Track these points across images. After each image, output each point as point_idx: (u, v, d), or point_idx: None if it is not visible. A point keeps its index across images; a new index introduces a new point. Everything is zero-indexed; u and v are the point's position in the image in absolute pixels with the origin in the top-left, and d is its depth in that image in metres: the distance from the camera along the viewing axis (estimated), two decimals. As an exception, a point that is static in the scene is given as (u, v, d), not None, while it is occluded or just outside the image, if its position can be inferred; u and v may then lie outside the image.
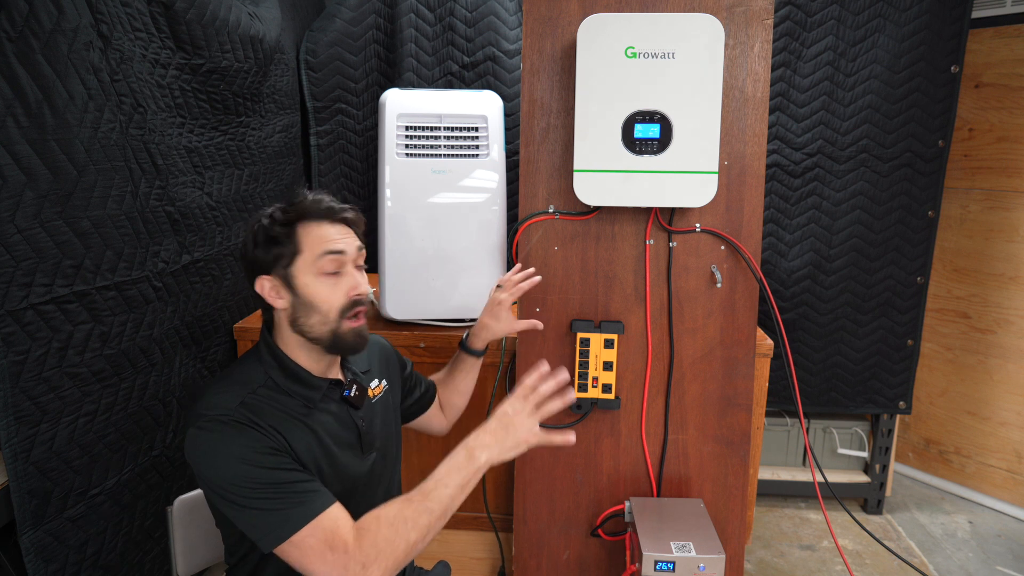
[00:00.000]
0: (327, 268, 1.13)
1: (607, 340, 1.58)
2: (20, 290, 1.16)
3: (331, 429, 1.18)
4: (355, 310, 1.15)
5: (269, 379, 1.14)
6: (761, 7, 1.52)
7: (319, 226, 1.15)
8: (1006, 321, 2.59)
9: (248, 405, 1.08)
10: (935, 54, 2.26)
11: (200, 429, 1.04)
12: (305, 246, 1.13)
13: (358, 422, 1.23)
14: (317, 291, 1.13)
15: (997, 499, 2.67)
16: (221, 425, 1.04)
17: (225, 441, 1.03)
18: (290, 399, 1.14)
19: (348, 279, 1.15)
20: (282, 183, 2.15)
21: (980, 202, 2.61)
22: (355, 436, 1.22)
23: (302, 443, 1.11)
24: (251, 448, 1.03)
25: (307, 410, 1.16)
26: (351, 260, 1.16)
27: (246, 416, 1.06)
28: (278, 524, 1.00)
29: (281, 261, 1.14)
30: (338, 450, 1.17)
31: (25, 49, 1.14)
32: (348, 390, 1.22)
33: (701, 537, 1.42)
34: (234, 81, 1.78)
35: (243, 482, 1.01)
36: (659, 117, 1.46)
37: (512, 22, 2.43)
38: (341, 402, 1.22)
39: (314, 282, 1.13)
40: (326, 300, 1.13)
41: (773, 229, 2.43)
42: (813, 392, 2.51)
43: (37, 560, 1.22)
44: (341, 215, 1.18)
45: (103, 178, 1.32)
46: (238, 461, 1.02)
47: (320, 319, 1.13)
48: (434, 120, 1.78)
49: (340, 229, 1.17)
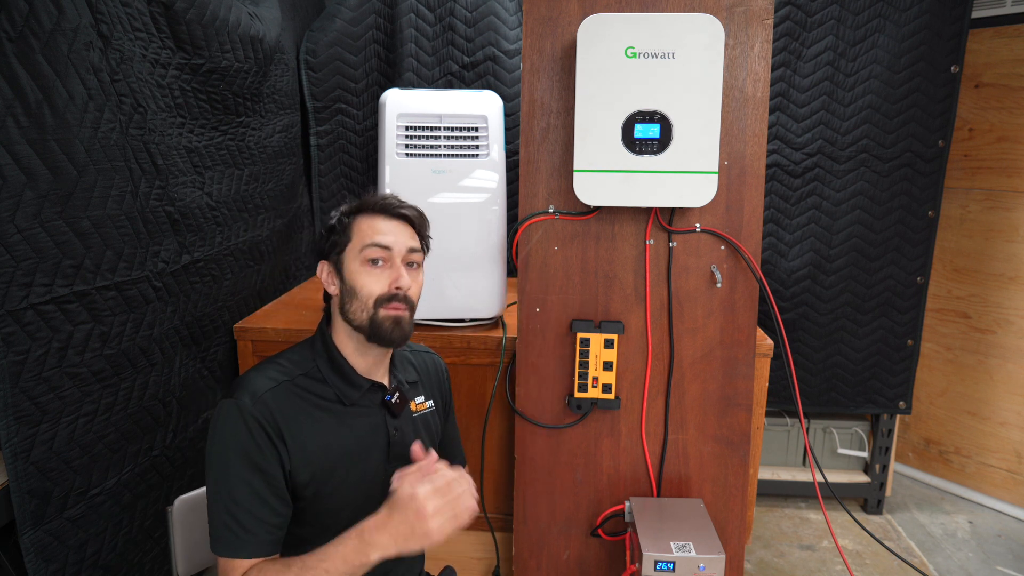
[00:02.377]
0: (370, 256, 1.17)
1: (607, 340, 1.58)
2: (20, 290, 1.16)
3: (361, 432, 1.19)
4: (393, 303, 1.16)
5: (315, 367, 1.19)
6: (761, 7, 1.52)
7: (372, 219, 1.19)
8: (1006, 321, 2.59)
9: (277, 396, 1.12)
10: (935, 54, 2.26)
11: (226, 399, 1.11)
12: (355, 235, 1.19)
13: (391, 430, 1.22)
14: (359, 278, 1.17)
15: (997, 499, 2.67)
16: (238, 411, 1.09)
17: (231, 426, 1.09)
18: (328, 391, 1.18)
19: (392, 271, 1.18)
20: (282, 183, 2.15)
21: (980, 202, 2.61)
22: (385, 443, 1.22)
23: (321, 440, 1.14)
24: (242, 449, 1.08)
25: (342, 407, 1.18)
26: (398, 255, 1.18)
27: (263, 415, 1.09)
28: (216, 533, 1.08)
29: (336, 248, 1.20)
30: (363, 454, 1.18)
31: (25, 49, 1.14)
32: (390, 395, 1.23)
33: (701, 537, 1.42)
34: (234, 81, 1.78)
35: (219, 468, 1.08)
36: (659, 117, 1.46)
37: (512, 22, 2.43)
38: (380, 406, 1.23)
39: (359, 270, 1.17)
40: (365, 286, 1.16)
41: (773, 229, 2.43)
42: (813, 392, 2.51)
43: (37, 560, 1.22)
44: (396, 211, 1.20)
45: (103, 178, 1.32)
46: (227, 448, 1.08)
47: (359, 305, 1.16)
48: (434, 120, 1.78)
49: (394, 225, 1.20)
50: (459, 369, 1.83)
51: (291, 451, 1.11)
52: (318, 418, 1.15)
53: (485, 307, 1.85)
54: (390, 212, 1.20)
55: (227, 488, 1.07)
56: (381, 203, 1.21)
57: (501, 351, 1.80)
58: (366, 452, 1.19)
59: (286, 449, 1.11)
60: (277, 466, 1.10)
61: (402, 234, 1.20)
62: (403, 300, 1.17)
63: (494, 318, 1.90)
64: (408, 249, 1.19)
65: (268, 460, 1.09)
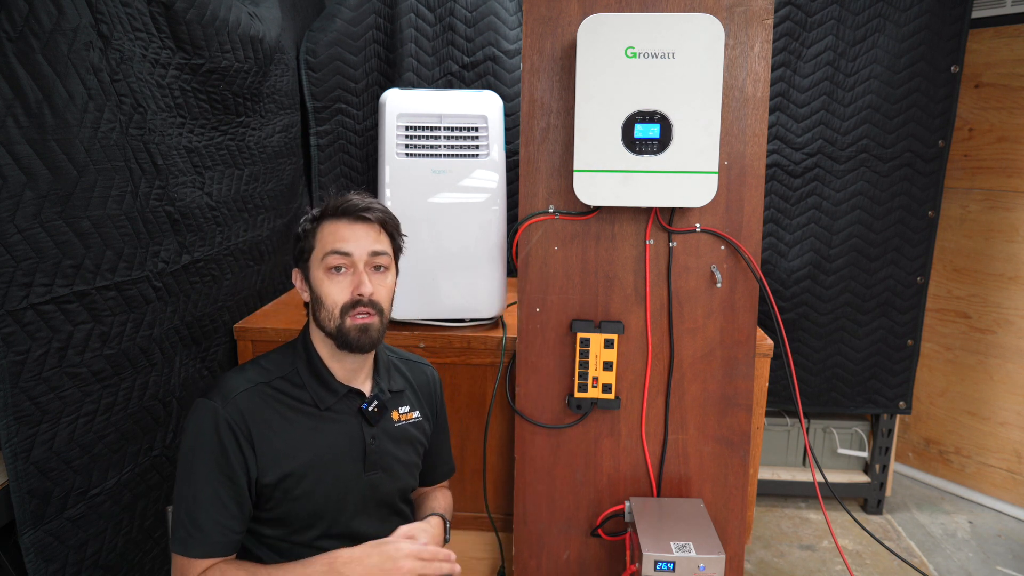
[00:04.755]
0: (332, 264, 1.16)
1: (607, 340, 1.58)
2: (20, 290, 1.16)
3: (335, 438, 1.19)
4: (357, 310, 1.15)
5: (294, 370, 1.19)
6: (761, 7, 1.52)
7: (335, 224, 1.18)
8: (1006, 321, 2.59)
9: (250, 397, 1.13)
10: (935, 54, 2.26)
11: (202, 398, 1.13)
12: (318, 243, 1.18)
13: (367, 439, 1.22)
14: (323, 287, 1.17)
15: (997, 499, 2.67)
16: (209, 411, 1.11)
17: (200, 426, 1.11)
18: (305, 394, 1.18)
19: (354, 278, 1.16)
20: (282, 183, 2.15)
21: (980, 202, 2.61)
22: (361, 452, 1.21)
23: (291, 443, 1.14)
24: (208, 449, 1.09)
25: (317, 410, 1.18)
26: (360, 260, 1.16)
27: (233, 416, 1.11)
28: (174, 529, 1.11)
29: (303, 255, 1.20)
30: (336, 461, 1.18)
31: (25, 49, 1.14)
32: (367, 404, 1.22)
33: (701, 537, 1.42)
34: (234, 81, 1.78)
35: (185, 466, 1.11)
36: (659, 117, 1.46)
37: (512, 22, 2.43)
38: (357, 414, 1.22)
39: (322, 278, 1.17)
40: (329, 295, 1.16)
41: (773, 229, 2.43)
42: (813, 392, 2.52)
43: (37, 560, 1.22)
44: (358, 214, 1.18)
45: (103, 178, 1.32)
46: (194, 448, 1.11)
47: (327, 314, 1.16)
48: (434, 120, 1.78)
49: (356, 229, 1.17)
50: (459, 369, 1.83)
51: (259, 453, 1.12)
52: (291, 420, 1.15)
53: (485, 307, 1.85)
54: (351, 215, 1.18)
55: (189, 487, 1.10)
56: (342, 207, 1.18)
57: (501, 351, 1.80)
58: (339, 459, 1.18)
59: (253, 452, 1.11)
60: (242, 469, 1.11)
61: (364, 238, 1.17)
62: (368, 305, 1.16)
63: (494, 318, 1.90)
64: (370, 253, 1.17)
65: (233, 463, 1.10)
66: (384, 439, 1.25)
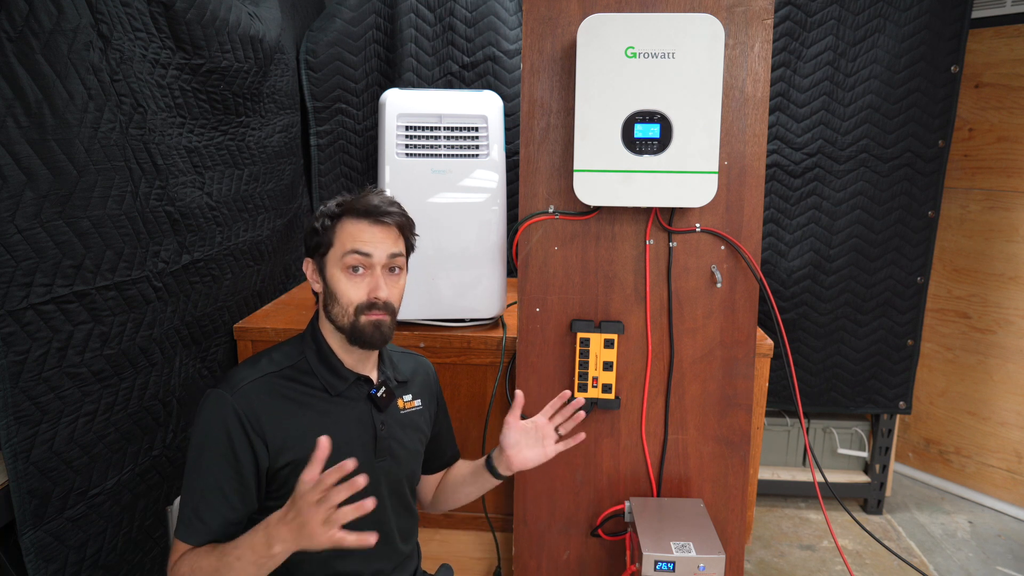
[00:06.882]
0: (351, 264, 1.18)
1: (607, 340, 1.58)
2: (20, 290, 1.16)
3: (346, 423, 1.21)
4: (373, 311, 1.18)
5: (303, 359, 1.21)
6: (761, 7, 1.52)
7: (356, 224, 1.19)
8: (1006, 321, 2.59)
9: (259, 387, 1.15)
10: (935, 54, 2.26)
11: (212, 388, 1.15)
12: (338, 240, 1.19)
13: (377, 424, 1.24)
14: (339, 285, 1.19)
15: (997, 499, 2.67)
16: (219, 402, 1.13)
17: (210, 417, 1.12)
18: (315, 381, 1.20)
19: (371, 280, 1.18)
20: (282, 183, 2.15)
21: (980, 202, 2.61)
22: (372, 437, 1.23)
23: (302, 428, 1.16)
24: (216, 440, 1.11)
25: (328, 396, 1.20)
26: (378, 263, 1.19)
27: (243, 406, 1.12)
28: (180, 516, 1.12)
29: (320, 249, 1.21)
30: (347, 445, 1.19)
31: (25, 49, 1.14)
32: (376, 389, 1.25)
33: (701, 537, 1.42)
34: (234, 81, 1.78)
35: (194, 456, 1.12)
36: (659, 117, 1.46)
37: (512, 22, 2.43)
38: (367, 400, 1.24)
39: (339, 276, 1.19)
40: (345, 294, 1.18)
41: (773, 229, 2.43)
42: (813, 392, 2.51)
43: (37, 560, 1.22)
44: (381, 218, 1.19)
45: (103, 178, 1.32)
46: (203, 438, 1.12)
47: (340, 311, 1.19)
48: (434, 120, 1.78)
49: (377, 231, 1.19)
50: (459, 369, 1.84)
51: (270, 440, 1.14)
52: (303, 404, 1.18)
53: (485, 307, 1.85)
54: (374, 218, 1.19)
55: (196, 477, 1.12)
56: (366, 208, 1.19)
57: (501, 351, 1.80)
58: (351, 443, 1.20)
59: (263, 441, 1.13)
60: (249, 461, 1.12)
61: (384, 240, 1.19)
62: (382, 307, 1.19)
63: (494, 318, 1.90)
64: (389, 255, 1.20)
65: (239, 455, 1.12)
66: (393, 425, 1.28)
